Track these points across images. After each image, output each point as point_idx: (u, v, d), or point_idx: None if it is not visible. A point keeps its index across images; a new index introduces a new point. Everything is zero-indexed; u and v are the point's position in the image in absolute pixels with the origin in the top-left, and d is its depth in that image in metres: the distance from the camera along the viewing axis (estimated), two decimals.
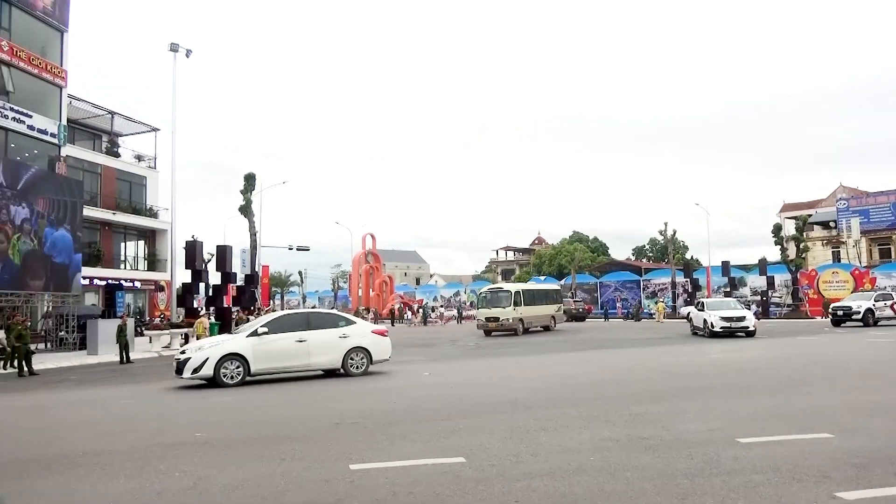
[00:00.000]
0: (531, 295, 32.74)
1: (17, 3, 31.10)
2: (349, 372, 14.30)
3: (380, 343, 14.88)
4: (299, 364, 14.11)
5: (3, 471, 6.36)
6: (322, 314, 15.83)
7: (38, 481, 5.88)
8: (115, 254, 40.08)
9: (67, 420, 10.08)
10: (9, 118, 30.15)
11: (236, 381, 13.34)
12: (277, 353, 13.80)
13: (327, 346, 14.22)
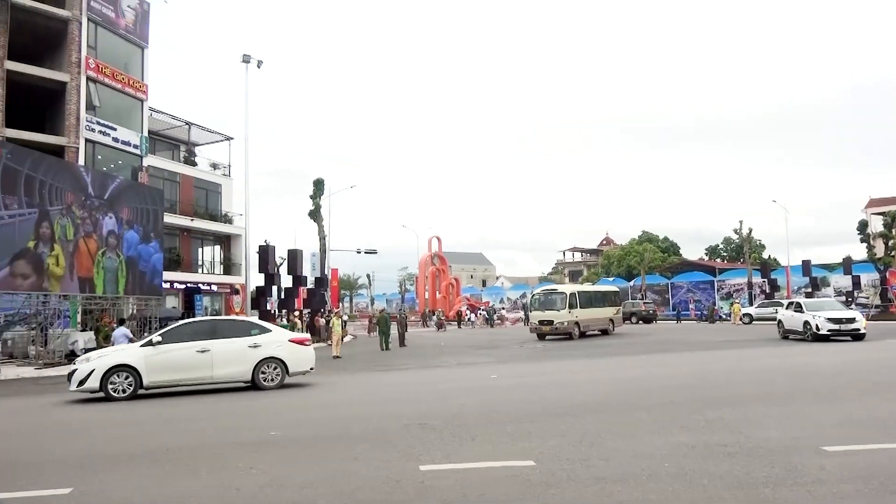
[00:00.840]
0: (587, 297, 31.43)
1: (102, 23, 32.91)
2: (260, 385, 13.14)
3: (298, 353, 13.67)
4: (200, 376, 13.10)
5: (96, 465, 6.70)
6: (232, 321, 14.90)
7: (126, 475, 6.18)
8: (193, 258, 41.82)
9: (151, 417, 10.56)
10: (95, 131, 31.95)
11: (126, 395, 12.46)
12: (174, 365, 12.85)
13: (234, 356, 13.12)
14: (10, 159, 20.95)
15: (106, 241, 25.31)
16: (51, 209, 22.40)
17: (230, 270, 43.11)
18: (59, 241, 22.48)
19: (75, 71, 31.29)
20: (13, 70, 29.34)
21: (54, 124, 31.93)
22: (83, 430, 9.36)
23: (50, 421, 10.59)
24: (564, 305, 28.77)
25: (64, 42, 31.65)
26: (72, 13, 31.51)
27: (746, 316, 39.82)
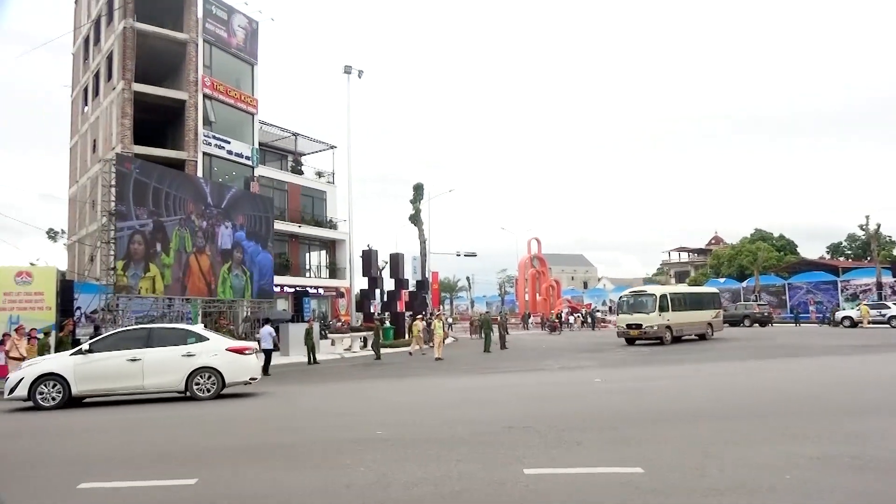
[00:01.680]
0: (681, 299, 29.13)
1: (216, 43, 35.06)
2: (195, 395, 12.81)
3: (235, 363, 13.14)
4: (130, 385, 12.79)
5: (216, 458, 7.13)
6: (168, 329, 14.17)
7: (245, 468, 6.53)
8: (301, 263, 43.69)
9: (264, 413, 11.10)
10: (212, 145, 34.06)
11: (55, 404, 12.24)
12: (104, 374, 12.54)
13: (166, 365, 12.74)
14: (139, 173, 22.73)
15: (231, 255, 26.90)
16: (172, 219, 24.11)
17: (335, 274, 44.65)
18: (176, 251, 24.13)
19: (193, 89, 33.52)
20: (139, 91, 31.81)
21: (175, 139, 34.34)
22: (200, 425, 9.97)
23: (175, 415, 11.36)
24: (654, 308, 26.91)
25: (182, 63, 33.98)
26: (189, 36, 33.78)
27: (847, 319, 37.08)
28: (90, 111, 37.06)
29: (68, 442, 8.95)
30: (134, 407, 12.54)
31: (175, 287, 24.13)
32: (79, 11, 41.25)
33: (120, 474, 6.34)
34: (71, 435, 9.64)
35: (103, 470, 6.64)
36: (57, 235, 44.73)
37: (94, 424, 10.68)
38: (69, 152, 41.17)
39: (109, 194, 21.75)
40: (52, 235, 45.55)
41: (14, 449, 8.49)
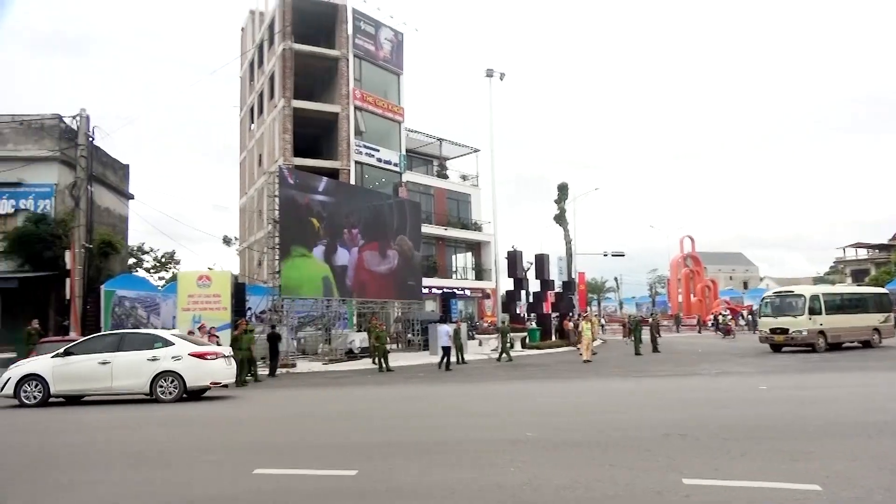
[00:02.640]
0: (837, 300, 25.47)
1: (365, 57, 36.84)
2: (158, 398, 13.16)
3: (197, 367, 13.36)
4: (100, 387, 13.36)
5: (373, 451, 7.45)
6: (139, 335, 14.61)
7: (401, 462, 6.76)
8: (447, 265, 44.71)
9: (418, 410, 11.45)
10: (363, 154, 35.81)
11: (35, 402, 13.03)
12: (78, 375, 13.22)
13: (133, 368, 13.24)
14: (297, 183, 24.43)
15: (385, 256, 28.28)
16: (327, 224, 25.63)
17: (481, 276, 45.20)
18: (332, 255, 25.60)
19: (345, 102, 35.46)
20: (298, 107, 34.19)
21: (329, 150, 36.51)
22: (353, 420, 10.47)
23: (329, 410, 12.05)
24: (803, 311, 23.64)
25: (335, 78, 36.06)
26: (341, 52, 35.78)
27: None
28: (256, 128, 40.40)
29: (236, 432, 9.77)
30: (285, 404, 13.44)
31: (332, 289, 25.60)
32: (244, 38, 45.16)
33: (288, 462, 6.81)
34: (240, 425, 10.52)
35: (273, 458, 7.17)
36: (230, 242, 49.19)
37: (254, 416, 11.59)
38: (239, 167, 45.17)
39: (273, 204, 23.55)
40: (226, 242, 50.17)
41: (190, 437, 9.41)
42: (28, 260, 21.33)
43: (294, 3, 34.82)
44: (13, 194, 22.03)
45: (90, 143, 22.06)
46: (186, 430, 10.02)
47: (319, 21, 36.27)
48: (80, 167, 21.56)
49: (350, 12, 36.14)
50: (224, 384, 14.26)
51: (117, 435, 9.56)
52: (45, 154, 22.21)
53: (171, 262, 49.34)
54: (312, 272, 24.57)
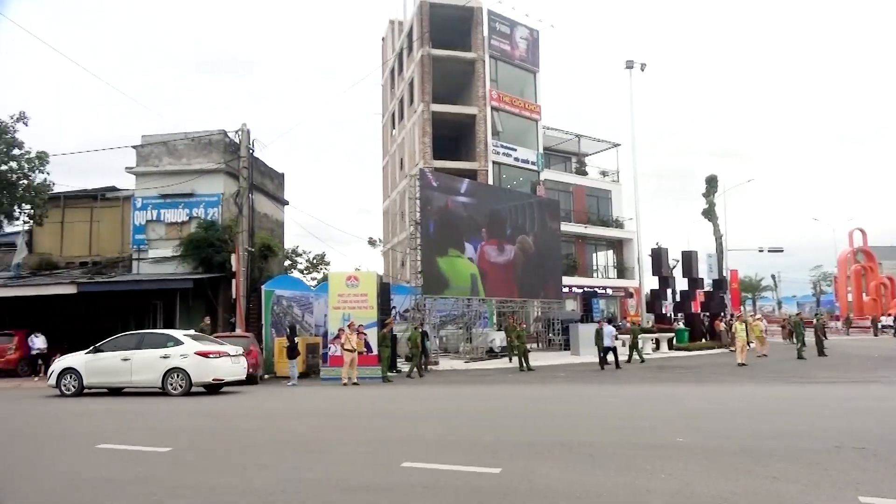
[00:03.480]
0: None
1: (500, 57, 36.99)
2: (168, 392, 14.36)
3: (201, 365, 14.43)
4: (122, 381, 14.81)
5: (517, 450, 7.45)
6: (155, 335, 15.75)
7: (544, 462, 6.70)
8: (587, 263, 43.75)
9: (563, 411, 11.30)
10: (500, 154, 35.96)
11: (72, 393, 14.73)
12: (105, 370, 14.73)
13: (148, 365, 14.53)
14: (438, 185, 25.01)
15: (524, 254, 28.30)
16: (468, 224, 26.00)
17: (623, 274, 43.79)
18: (473, 255, 25.88)
19: (482, 103, 35.81)
20: (436, 111, 35.01)
21: (467, 151, 37.03)
22: (497, 418, 10.50)
23: (473, 407, 12.19)
24: None
25: (472, 80, 36.52)
26: (477, 54, 36.18)
27: None
28: (397, 133, 41.90)
29: (387, 426, 10.14)
30: (431, 400, 13.75)
31: (474, 288, 25.95)
32: (385, 48, 47.00)
33: (435, 457, 6.98)
34: (390, 419, 10.91)
35: (420, 452, 7.38)
36: (375, 244, 51.38)
37: (402, 412, 11.96)
38: (381, 171, 47.08)
39: (415, 206, 24.28)
40: (371, 243, 52.48)
41: (344, 429, 9.90)
42: (200, 263, 23.56)
43: (431, 10, 35.73)
44: (187, 204, 24.46)
45: (250, 155, 23.96)
46: (340, 423, 10.57)
47: (456, 25, 36.92)
48: (242, 177, 23.48)
49: (485, 14, 36.46)
50: (230, 381, 15.24)
51: (278, 424, 10.29)
52: (213, 166, 24.44)
53: (322, 264, 52.38)
54: (459, 271, 25.06)
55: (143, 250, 24.49)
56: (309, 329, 23.21)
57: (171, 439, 8.56)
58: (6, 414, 12.40)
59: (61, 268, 25.53)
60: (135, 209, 24.73)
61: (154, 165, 24.79)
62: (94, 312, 23.03)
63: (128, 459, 7.41)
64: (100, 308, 23.34)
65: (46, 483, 6.38)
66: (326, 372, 19.40)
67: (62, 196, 25.87)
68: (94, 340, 15.66)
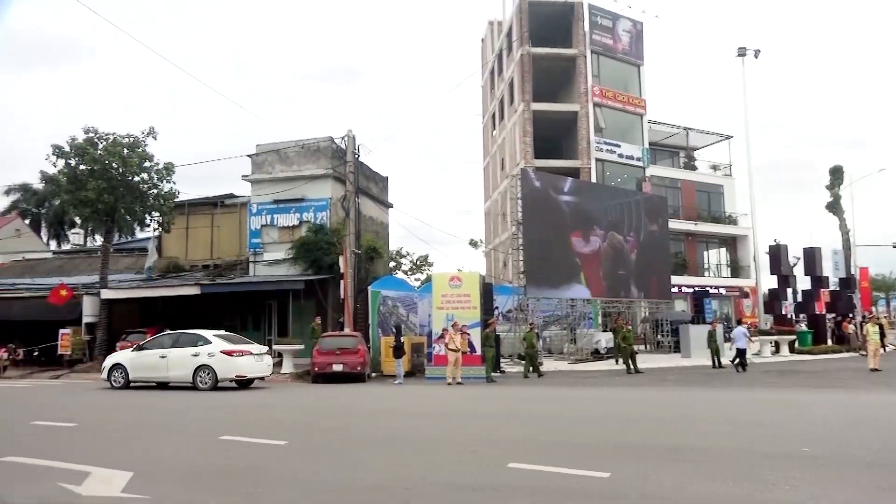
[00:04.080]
0: None
1: (602, 52, 36.15)
2: (197, 386, 15.61)
3: (226, 363, 15.63)
4: (160, 376, 16.28)
5: (618, 455, 7.24)
6: (188, 335, 16.79)
7: (654, 467, 6.47)
8: (698, 262, 41.82)
9: (675, 415, 10.87)
10: (603, 151, 35.13)
11: (119, 386, 16.23)
12: (146, 366, 16.25)
13: (181, 362, 15.91)
14: (539, 184, 24.78)
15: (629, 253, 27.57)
16: (572, 223, 25.58)
17: (738, 273, 41.54)
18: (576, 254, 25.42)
19: (583, 100, 35.14)
20: (537, 110, 34.71)
21: (569, 149, 36.44)
22: (608, 419, 10.23)
23: (579, 409, 11.95)
24: None
25: (573, 76, 35.92)
26: (578, 50, 35.55)
27: None
28: (498, 134, 41.88)
29: (493, 426, 10.14)
30: (536, 401, 13.58)
31: (578, 288, 25.51)
32: (484, 49, 47.14)
33: (542, 459, 6.90)
34: (496, 419, 10.91)
35: (527, 453, 7.32)
36: (477, 244, 51.64)
37: (508, 412, 11.91)
38: (483, 172, 47.22)
39: (516, 206, 24.16)
40: (473, 244, 52.79)
41: (452, 428, 9.98)
42: (311, 264, 24.57)
43: (530, 8, 35.45)
44: (298, 208, 25.59)
45: (356, 160, 24.72)
46: (446, 421, 10.69)
47: (556, 22, 36.45)
48: (348, 182, 24.28)
49: (586, 9, 35.74)
50: (255, 378, 16.54)
51: (386, 422, 10.55)
52: (321, 172, 25.42)
53: (426, 265, 53.24)
54: (563, 271, 24.76)
55: (258, 253, 25.86)
56: (413, 329, 23.63)
57: (288, 433, 8.97)
58: (139, 405, 13.47)
59: (186, 270, 27.43)
60: (251, 214, 26.16)
61: (267, 173, 26.12)
62: (216, 311, 24.62)
63: (247, 451, 7.84)
64: (220, 307, 24.91)
65: (184, 469, 6.87)
66: (431, 371, 19.67)
67: (186, 204, 27.81)
68: None
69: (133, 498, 5.66)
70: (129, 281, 26.61)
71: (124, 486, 5.98)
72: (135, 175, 23.79)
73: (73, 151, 23.23)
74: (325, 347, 18.76)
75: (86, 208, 23.50)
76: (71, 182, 23.51)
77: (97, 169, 23.00)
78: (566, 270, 25.11)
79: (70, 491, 5.89)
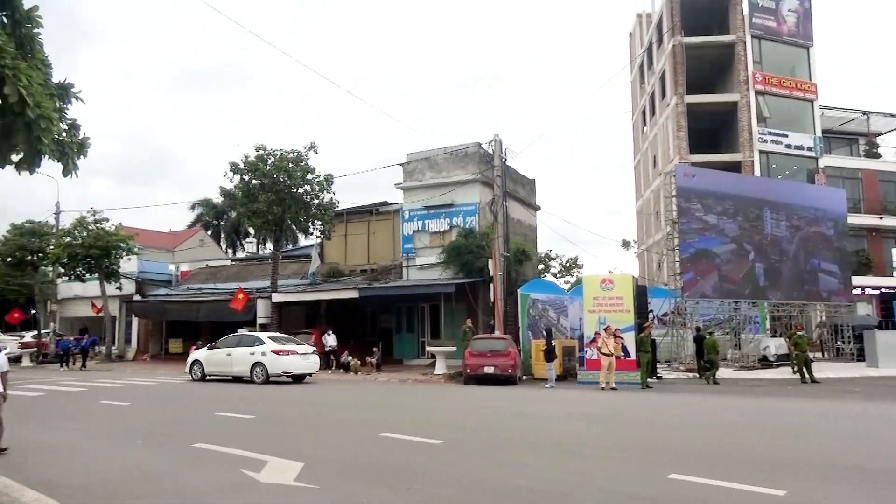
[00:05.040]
0: None
1: (764, 35, 33.56)
2: (253, 380, 18.38)
3: (276, 360, 18.30)
4: (226, 371, 19.09)
5: (790, 470, 6.62)
6: (248, 336, 20.05)
7: (840, 491, 5.87)
8: (886, 260, 37.36)
9: (860, 430, 9.82)
10: (767, 142, 32.57)
11: (197, 378, 19.43)
12: (216, 362, 19.19)
13: (241, 359, 18.74)
14: (696, 181, 23.49)
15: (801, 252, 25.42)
16: (734, 221, 23.95)
17: None
18: (741, 255, 23.71)
19: (743, 88, 32.82)
20: (691, 102, 32.93)
21: (728, 142, 34.16)
22: (781, 432, 9.42)
23: (749, 419, 11.09)
24: None
25: (730, 64, 33.67)
26: (736, 36, 33.30)
27: None
28: (649, 130, 40.26)
29: (651, 432, 9.70)
30: (697, 408, 12.80)
31: (740, 290, 23.85)
32: (633, 43, 45.53)
33: (705, 471, 6.50)
34: (654, 426, 10.43)
35: (688, 464, 6.94)
36: (629, 245, 49.92)
37: (668, 419, 11.34)
38: (633, 170, 45.60)
39: (670, 204, 23.04)
40: (625, 245, 51.09)
41: (605, 434, 9.69)
42: (461, 268, 25.04)
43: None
44: (448, 214, 26.20)
45: (503, 164, 24.85)
46: (599, 427, 10.41)
47: (709, 8, 34.39)
48: (496, 185, 24.45)
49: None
50: (304, 374, 19.14)
51: (538, 425, 10.48)
52: (470, 177, 25.84)
53: (575, 267, 52.33)
54: (723, 271, 23.29)
55: (411, 258, 26.80)
56: (564, 332, 23.29)
57: (444, 433, 9.19)
58: (300, 399, 14.46)
59: (346, 275, 29.07)
60: (403, 221, 27.18)
61: (418, 180, 27.01)
62: (373, 313, 25.86)
63: (405, 448, 8.13)
64: (377, 309, 26.12)
65: (348, 462, 7.28)
66: (583, 375, 19.28)
67: (345, 212, 29.49)
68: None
69: (305, 487, 6.07)
70: (295, 285, 28.68)
71: (296, 476, 6.44)
72: (299, 187, 25.60)
73: (246, 168, 25.48)
74: (476, 349, 19.03)
75: (258, 219, 25.65)
76: (245, 196, 25.78)
77: (267, 183, 25.05)
78: (726, 270, 23.53)
79: (251, 477, 6.44)
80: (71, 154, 5.71)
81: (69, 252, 29.50)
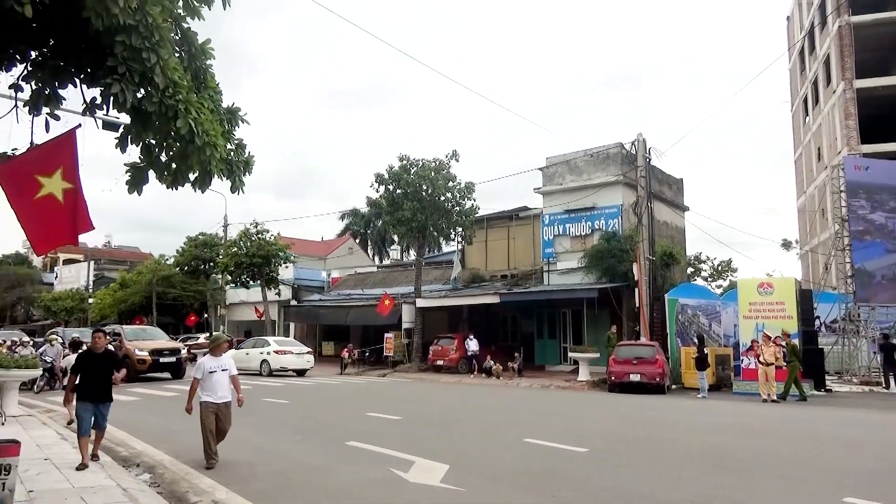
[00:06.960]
0: None
1: None
2: (261, 374, 23.10)
3: (277, 358, 23.33)
4: (245, 366, 22.20)
5: None
6: (260, 340, 25.57)
7: None
8: None
9: None
10: None
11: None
12: (238, 359, 19.43)
13: (254, 357, 23.76)
14: (871, 173, 21.27)
15: None
16: None
17: None
18: None
19: None
20: (862, 87, 29.88)
21: None
22: None
23: None
24: None
25: None
26: None
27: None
28: (811, 120, 37.00)
29: (807, 449, 8.86)
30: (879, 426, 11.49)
31: None
32: (791, 28, 42.08)
33: (886, 496, 5.85)
34: (816, 441, 9.52)
35: (866, 487, 6.27)
36: (790, 246, 46.07)
37: (839, 437, 10.29)
38: (794, 165, 42.06)
39: (839, 200, 21.00)
40: (785, 246, 47.20)
41: (756, 450, 8.96)
42: (604, 273, 24.37)
43: None
44: (589, 217, 25.62)
45: (647, 164, 23.91)
46: (758, 441, 9.68)
47: None
48: (639, 187, 23.58)
49: None
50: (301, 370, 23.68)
51: (690, 437, 9.93)
52: (611, 179, 25.10)
53: (728, 270, 49.11)
54: None
55: (551, 262, 26.48)
56: (717, 339, 21.91)
57: (589, 441, 8.99)
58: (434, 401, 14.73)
59: (487, 280, 29.32)
60: (543, 225, 26.93)
61: (558, 184, 26.66)
62: (513, 318, 25.82)
63: (549, 454, 8.04)
64: (518, 315, 26.05)
65: (491, 466, 7.35)
66: (739, 386, 18.03)
67: (485, 218, 29.78)
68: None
69: (451, 489, 6.19)
70: (437, 290, 29.37)
71: (442, 477, 6.59)
72: (441, 195, 26.23)
73: (390, 178, 26.52)
74: (621, 356, 18.43)
75: (402, 227, 26.59)
76: (390, 205, 26.83)
77: (410, 191, 25.91)
78: None
79: (400, 476, 6.68)
80: (238, 172, 6.24)
81: (235, 261, 32.24)
